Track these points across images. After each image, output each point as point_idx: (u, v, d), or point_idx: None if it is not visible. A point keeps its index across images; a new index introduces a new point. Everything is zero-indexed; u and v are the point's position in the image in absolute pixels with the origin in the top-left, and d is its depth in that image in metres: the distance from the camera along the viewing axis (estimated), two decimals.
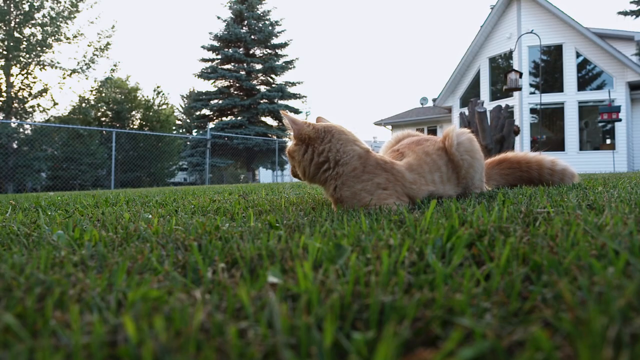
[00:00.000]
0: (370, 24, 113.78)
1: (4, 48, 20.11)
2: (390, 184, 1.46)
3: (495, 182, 2.29)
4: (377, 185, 1.43)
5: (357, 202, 1.39)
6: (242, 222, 1.18)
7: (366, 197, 1.40)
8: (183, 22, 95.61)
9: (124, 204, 2.06)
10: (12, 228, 1.24)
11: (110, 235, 1.05)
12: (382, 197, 1.42)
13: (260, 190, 2.72)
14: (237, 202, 1.76)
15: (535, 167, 2.26)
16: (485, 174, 2.14)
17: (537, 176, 2.27)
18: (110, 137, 20.74)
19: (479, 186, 1.89)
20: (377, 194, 1.42)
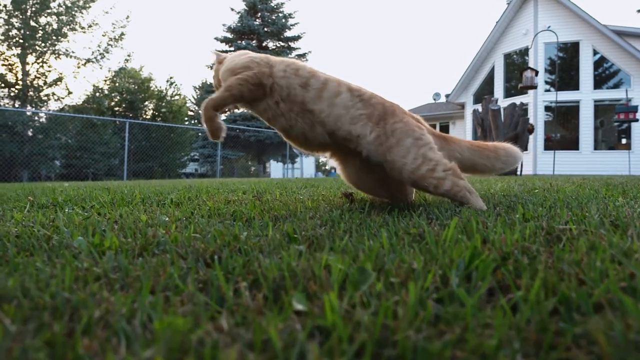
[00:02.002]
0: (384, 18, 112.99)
1: (20, 37, 20.30)
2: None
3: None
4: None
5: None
6: (259, 229, 1.18)
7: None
8: (197, 14, 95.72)
9: (139, 202, 2.07)
10: (33, 230, 1.26)
11: (129, 241, 1.06)
12: None
13: (274, 189, 2.72)
14: (252, 204, 1.76)
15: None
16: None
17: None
18: (123, 126, 20.94)
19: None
20: None
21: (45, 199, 2.25)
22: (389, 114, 1.65)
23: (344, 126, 1.62)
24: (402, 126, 1.62)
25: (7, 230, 1.26)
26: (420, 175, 1.58)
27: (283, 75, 1.65)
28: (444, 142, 1.75)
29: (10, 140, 18.32)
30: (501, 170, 1.84)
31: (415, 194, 2.04)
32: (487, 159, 1.80)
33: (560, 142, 17.28)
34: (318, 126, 1.64)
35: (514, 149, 1.83)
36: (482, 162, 1.80)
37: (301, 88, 1.63)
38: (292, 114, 1.65)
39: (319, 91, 1.64)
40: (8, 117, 17.98)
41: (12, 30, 20.30)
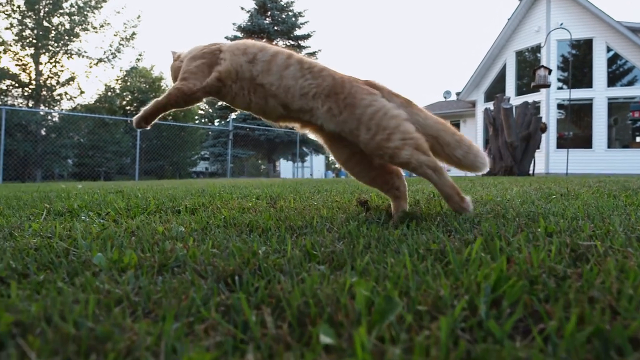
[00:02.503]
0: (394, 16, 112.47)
1: (33, 37, 20.53)
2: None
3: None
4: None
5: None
6: (277, 243, 1.17)
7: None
8: (207, 13, 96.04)
9: (154, 209, 2.08)
10: (51, 242, 1.26)
11: (147, 257, 1.06)
12: None
13: (287, 194, 2.71)
14: (268, 213, 1.75)
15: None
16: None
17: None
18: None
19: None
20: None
21: (60, 205, 2.27)
22: (338, 86, 1.62)
23: (295, 98, 1.64)
24: (351, 98, 1.59)
25: (26, 242, 1.27)
26: (375, 145, 1.55)
27: (230, 55, 1.70)
28: (407, 105, 1.67)
29: (24, 140, 18.56)
30: (458, 163, 1.69)
31: (427, 198, 2.02)
32: (450, 136, 1.66)
33: (573, 140, 17.06)
34: (271, 99, 1.67)
35: (483, 154, 1.70)
36: (444, 138, 1.65)
37: (248, 64, 1.67)
38: (244, 91, 1.69)
39: (267, 64, 1.66)
40: (22, 117, 18.20)
41: (25, 31, 20.54)
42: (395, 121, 1.55)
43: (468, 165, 1.68)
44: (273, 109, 1.68)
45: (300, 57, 1.71)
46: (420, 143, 1.55)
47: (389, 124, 1.54)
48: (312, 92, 1.62)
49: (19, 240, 1.32)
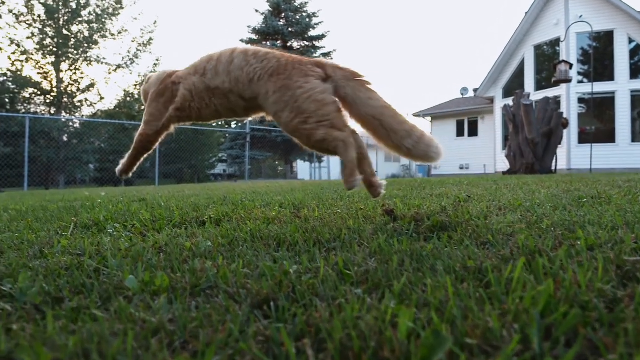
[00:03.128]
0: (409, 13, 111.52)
1: (54, 45, 20.96)
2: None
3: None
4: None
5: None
6: (308, 261, 1.15)
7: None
8: (222, 17, 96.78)
9: (178, 220, 2.08)
10: (81, 261, 1.26)
11: (178, 277, 1.04)
12: None
13: (309, 201, 2.69)
14: (294, 225, 1.73)
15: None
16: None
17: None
18: None
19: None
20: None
21: (87, 217, 2.29)
22: (282, 67, 1.67)
23: (245, 85, 1.72)
24: (288, 80, 1.64)
25: (57, 262, 1.27)
26: (293, 127, 1.65)
27: (182, 81, 1.86)
28: (351, 79, 1.68)
29: (47, 146, 18.96)
30: (409, 153, 1.66)
31: (446, 204, 1.97)
32: (399, 124, 1.63)
33: (596, 135, 16.66)
34: (230, 95, 1.77)
35: (436, 145, 1.66)
36: (390, 123, 1.63)
37: (200, 77, 1.80)
38: (205, 101, 1.82)
39: (214, 67, 1.78)
40: (45, 124, 18.59)
41: (46, 39, 20.98)
42: (315, 105, 1.61)
43: (420, 156, 1.68)
44: (236, 104, 1.78)
45: (244, 48, 1.80)
46: (336, 122, 1.62)
47: (309, 107, 1.61)
48: (257, 75, 1.69)
49: (50, 259, 1.32)
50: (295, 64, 1.68)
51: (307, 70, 1.66)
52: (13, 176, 15.53)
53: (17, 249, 1.53)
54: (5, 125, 17.02)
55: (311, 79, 1.64)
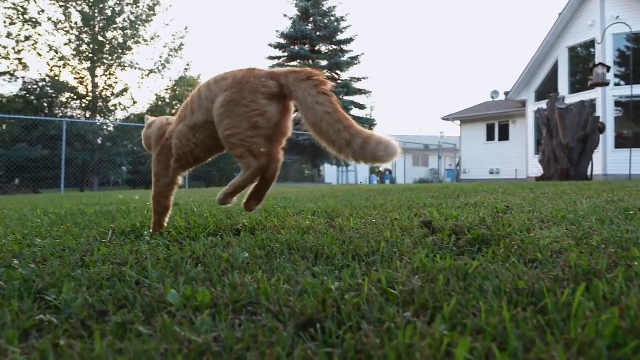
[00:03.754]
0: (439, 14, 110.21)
1: (90, 51, 21.65)
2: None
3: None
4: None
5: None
6: (349, 277, 1.12)
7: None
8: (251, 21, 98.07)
9: (213, 228, 2.08)
10: (122, 271, 1.27)
11: (219, 293, 1.03)
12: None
13: (343, 210, 2.66)
14: (330, 235, 1.71)
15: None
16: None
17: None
18: None
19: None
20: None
21: (124, 223, 2.32)
22: (237, 82, 1.74)
23: (215, 112, 1.77)
24: (235, 95, 1.73)
25: (98, 271, 1.28)
26: (224, 136, 1.74)
27: (173, 135, 1.98)
28: (302, 81, 1.67)
29: (83, 149, 19.57)
30: (355, 155, 1.59)
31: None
32: (345, 131, 1.58)
33: (634, 139, 16.02)
34: (209, 126, 1.82)
35: (386, 144, 1.54)
36: (330, 134, 1.60)
37: (183, 123, 1.91)
38: (194, 140, 1.90)
39: (190, 109, 1.89)
40: (80, 128, 19.20)
41: (82, 46, 21.68)
42: (246, 124, 1.70)
43: (368, 159, 1.58)
44: (218, 131, 1.81)
45: (208, 79, 1.88)
46: (254, 148, 1.72)
47: (242, 125, 1.70)
48: (216, 95, 1.77)
49: (92, 268, 1.34)
50: (250, 78, 1.73)
51: (259, 85, 1.72)
52: (50, 178, 16.10)
53: (59, 256, 1.56)
54: (44, 128, 17.65)
55: (259, 96, 1.71)
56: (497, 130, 22.92)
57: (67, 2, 21.25)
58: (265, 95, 1.71)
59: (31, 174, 16.77)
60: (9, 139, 18.29)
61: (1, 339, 0.82)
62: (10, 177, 18.79)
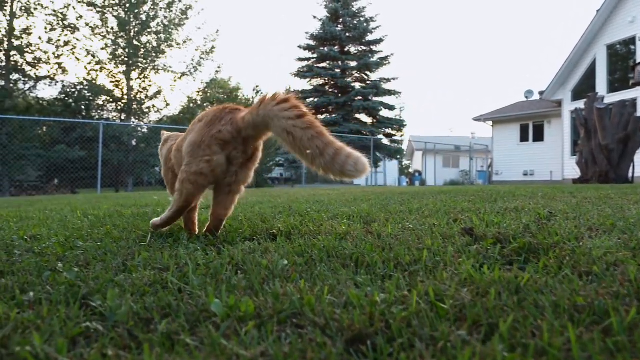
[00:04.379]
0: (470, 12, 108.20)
1: (125, 55, 22.27)
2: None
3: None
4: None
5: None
6: (394, 288, 1.09)
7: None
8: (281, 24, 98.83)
9: (249, 232, 2.08)
10: (164, 278, 1.27)
11: (262, 302, 1.02)
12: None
13: (378, 214, 2.62)
14: (368, 242, 1.68)
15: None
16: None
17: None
18: None
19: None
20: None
21: None
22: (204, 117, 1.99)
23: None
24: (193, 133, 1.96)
25: (140, 277, 1.29)
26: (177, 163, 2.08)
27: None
28: (268, 102, 1.79)
29: (118, 150, 20.13)
30: (326, 168, 1.64)
31: None
32: (323, 144, 1.63)
33: None
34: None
35: (354, 160, 1.60)
36: (304, 144, 1.67)
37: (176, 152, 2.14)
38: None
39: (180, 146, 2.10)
40: (116, 130, 19.74)
41: (118, 50, 22.32)
42: (194, 167, 1.86)
43: (337, 170, 1.63)
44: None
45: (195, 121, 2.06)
46: (189, 195, 1.92)
47: (191, 165, 1.88)
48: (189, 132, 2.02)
49: (134, 274, 1.35)
50: (215, 122, 1.89)
51: (216, 131, 1.86)
52: (87, 178, 16.63)
53: (102, 260, 1.58)
54: (82, 130, 18.26)
55: (214, 142, 1.85)
56: (532, 130, 22.33)
57: (104, 8, 21.94)
58: (217, 142, 1.85)
59: (69, 174, 17.37)
60: (48, 141, 19.00)
61: (51, 347, 0.82)
62: (49, 177, 19.53)
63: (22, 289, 1.23)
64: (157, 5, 22.87)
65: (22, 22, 20.43)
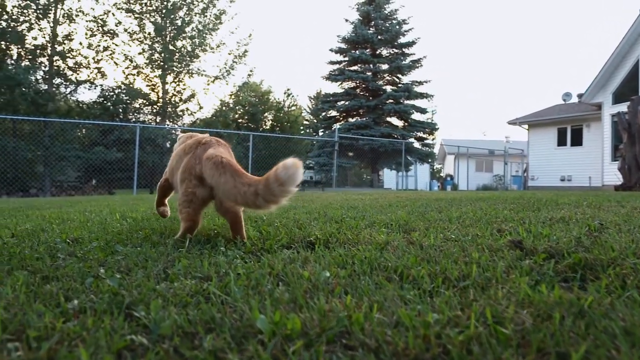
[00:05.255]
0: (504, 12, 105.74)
1: (161, 60, 22.81)
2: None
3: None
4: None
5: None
6: (444, 304, 1.03)
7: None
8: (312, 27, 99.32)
9: (286, 239, 2.05)
10: (207, 289, 1.25)
11: (308, 319, 0.98)
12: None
13: (416, 222, 2.55)
14: (412, 255, 1.62)
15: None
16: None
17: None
18: (245, 136, 22.42)
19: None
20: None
21: (199, 230, 2.35)
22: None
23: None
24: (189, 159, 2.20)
25: (182, 286, 1.27)
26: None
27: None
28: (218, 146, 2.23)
29: (153, 152, 20.60)
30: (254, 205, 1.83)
31: None
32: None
33: None
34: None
35: (288, 162, 1.77)
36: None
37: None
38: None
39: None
40: (151, 132, 20.23)
41: (154, 55, 22.89)
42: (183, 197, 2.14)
43: (276, 186, 1.78)
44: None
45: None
46: (183, 216, 2.14)
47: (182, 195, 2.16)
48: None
49: (175, 282, 1.33)
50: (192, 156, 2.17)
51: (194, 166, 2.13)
52: (123, 179, 17.10)
53: (143, 266, 1.58)
54: (119, 132, 18.78)
55: (192, 176, 2.11)
56: (569, 134, 21.58)
57: (141, 14, 22.57)
58: (196, 178, 2.09)
59: (106, 175, 17.89)
60: (87, 143, 19.65)
61: None
62: (87, 178, 20.17)
63: (67, 296, 1.23)
64: (192, 11, 23.36)
65: (64, 29, 21.23)
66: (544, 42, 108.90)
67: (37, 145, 17.93)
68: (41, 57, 20.88)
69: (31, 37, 20.40)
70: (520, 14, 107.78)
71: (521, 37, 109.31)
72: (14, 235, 2.41)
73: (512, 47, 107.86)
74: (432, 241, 1.91)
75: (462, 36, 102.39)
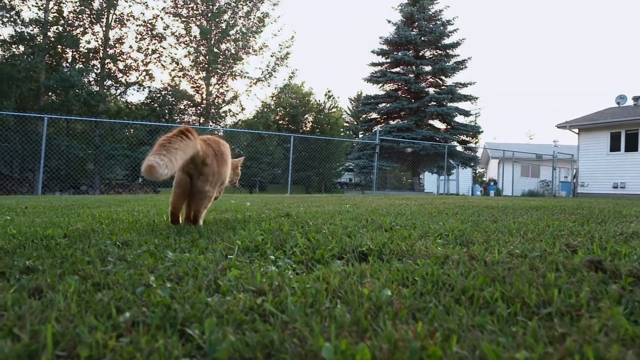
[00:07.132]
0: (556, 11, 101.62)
1: (205, 62, 23.33)
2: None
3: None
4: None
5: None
6: (531, 338, 0.91)
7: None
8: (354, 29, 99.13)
9: (337, 249, 1.96)
10: (261, 305, 1.18)
11: (377, 349, 0.88)
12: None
13: (473, 234, 2.40)
14: (479, 274, 1.49)
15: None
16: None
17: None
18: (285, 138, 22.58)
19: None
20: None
21: (245, 236, 2.30)
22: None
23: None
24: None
25: (235, 301, 1.20)
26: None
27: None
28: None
29: None
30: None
31: None
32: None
33: None
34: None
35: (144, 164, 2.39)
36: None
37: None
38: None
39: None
40: None
41: (199, 57, 23.44)
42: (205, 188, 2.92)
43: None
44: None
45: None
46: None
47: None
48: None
49: (227, 296, 1.27)
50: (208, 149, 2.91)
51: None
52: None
53: (193, 275, 1.53)
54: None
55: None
56: (624, 139, 20.44)
57: (188, 18, 23.17)
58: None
59: None
60: (135, 142, 20.32)
61: None
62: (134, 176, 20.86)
63: (118, 306, 1.18)
64: (237, 14, 23.76)
65: (115, 33, 22.10)
66: (596, 42, 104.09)
67: (88, 144, 18.71)
68: (94, 60, 21.81)
69: (85, 41, 21.37)
70: (572, 13, 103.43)
71: (572, 37, 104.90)
72: (66, 236, 2.43)
73: (562, 47, 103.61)
74: (496, 256, 1.77)
75: (509, 36, 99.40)
